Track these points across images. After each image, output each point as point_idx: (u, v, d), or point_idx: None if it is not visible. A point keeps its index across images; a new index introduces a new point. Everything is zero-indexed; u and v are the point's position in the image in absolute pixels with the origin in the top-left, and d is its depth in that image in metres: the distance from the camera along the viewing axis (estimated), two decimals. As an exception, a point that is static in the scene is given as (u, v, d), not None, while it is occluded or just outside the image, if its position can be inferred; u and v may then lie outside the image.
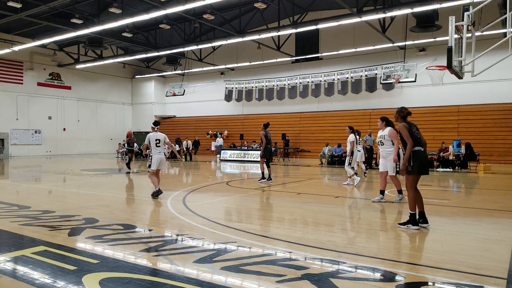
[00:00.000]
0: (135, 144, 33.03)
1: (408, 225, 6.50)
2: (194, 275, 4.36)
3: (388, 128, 9.09)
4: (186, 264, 4.72)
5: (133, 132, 39.29)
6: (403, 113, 6.77)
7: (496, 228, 6.86)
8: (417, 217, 6.55)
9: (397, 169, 8.95)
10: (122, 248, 5.36)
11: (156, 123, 10.48)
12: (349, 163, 12.66)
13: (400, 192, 9.24)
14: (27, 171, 18.49)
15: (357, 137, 15.02)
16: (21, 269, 4.52)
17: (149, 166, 10.11)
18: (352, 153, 12.65)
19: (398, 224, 6.70)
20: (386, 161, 9.13)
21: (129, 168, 17.88)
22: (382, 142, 9.15)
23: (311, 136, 29.17)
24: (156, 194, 9.75)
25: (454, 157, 19.53)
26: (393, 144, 8.97)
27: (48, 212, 7.95)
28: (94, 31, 23.38)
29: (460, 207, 9.16)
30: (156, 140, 9.94)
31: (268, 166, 13.82)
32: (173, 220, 7.38)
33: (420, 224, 6.55)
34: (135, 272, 4.41)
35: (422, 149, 6.46)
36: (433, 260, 4.94)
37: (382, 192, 9.35)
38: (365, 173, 15.66)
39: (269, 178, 13.52)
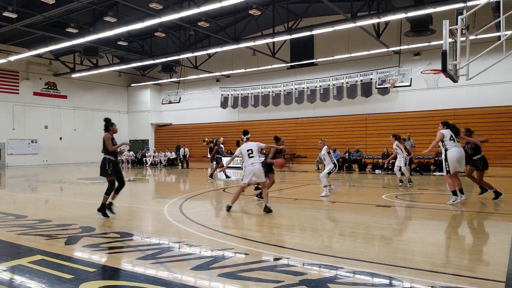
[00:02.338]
0: (131, 152, 33.09)
1: None
2: (191, 282, 4.34)
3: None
4: (184, 271, 4.71)
5: (130, 140, 39.43)
6: None
7: (494, 231, 6.87)
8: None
9: (447, 169, 9.41)
10: (119, 256, 5.34)
11: (245, 133, 9.48)
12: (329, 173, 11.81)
13: (461, 191, 9.55)
14: (24, 181, 18.41)
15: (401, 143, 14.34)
16: (18, 279, 4.49)
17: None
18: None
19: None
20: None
21: (211, 177, 17.75)
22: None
23: (307, 141, 29.17)
24: (228, 209, 8.90)
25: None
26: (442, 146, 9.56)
27: (44, 221, 7.91)
28: (90, 40, 23.39)
29: (457, 210, 9.17)
30: (248, 150, 8.94)
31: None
32: (170, 228, 7.36)
33: None
34: (132, 280, 4.39)
35: None
36: (431, 264, 4.94)
37: (454, 193, 9.56)
38: (401, 181, 14.22)
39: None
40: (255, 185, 11.57)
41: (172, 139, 35.97)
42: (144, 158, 31.69)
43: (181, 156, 28.84)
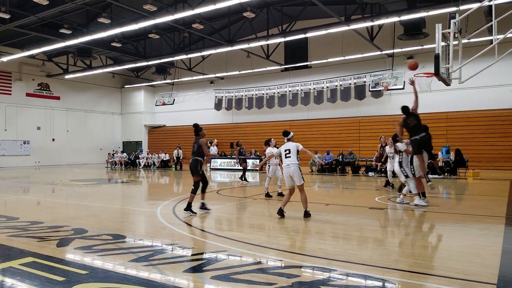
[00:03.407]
0: (124, 154, 32.95)
1: None
2: (184, 284, 4.33)
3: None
4: (176, 273, 4.69)
5: (123, 142, 39.28)
6: None
7: (485, 233, 6.90)
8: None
9: (413, 172, 9.88)
10: (112, 258, 5.31)
11: (285, 133, 8.98)
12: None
13: (423, 195, 10.04)
14: (16, 182, 18.28)
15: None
16: (9, 281, 4.45)
17: None
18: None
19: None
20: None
21: (244, 179, 17.57)
22: None
23: (301, 144, 29.18)
24: (279, 213, 8.42)
25: (443, 164, 19.70)
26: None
27: (36, 223, 7.86)
28: (83, 41, 23.32)
29: (449, 213, 9.21)
30: (285, 150, 8.52)
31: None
32: (163, 230, 7.33)
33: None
34: (124, 282, 4.37)
35: None
36: (423, 267, 4.96)
37: (422, 194, 10.00)
38: (392, 185, 14.01)
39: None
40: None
41: (165, 141, 35.89)
42: (137, 160, 31.56)
43: (175, 158, 28.76)
